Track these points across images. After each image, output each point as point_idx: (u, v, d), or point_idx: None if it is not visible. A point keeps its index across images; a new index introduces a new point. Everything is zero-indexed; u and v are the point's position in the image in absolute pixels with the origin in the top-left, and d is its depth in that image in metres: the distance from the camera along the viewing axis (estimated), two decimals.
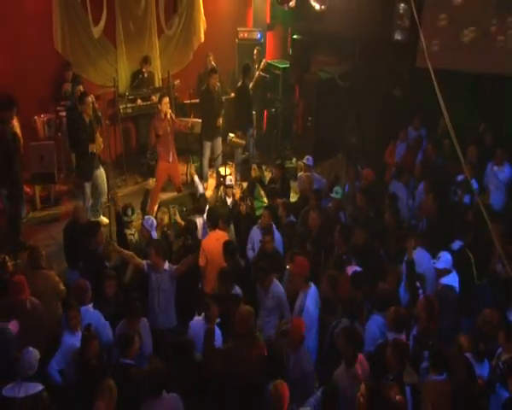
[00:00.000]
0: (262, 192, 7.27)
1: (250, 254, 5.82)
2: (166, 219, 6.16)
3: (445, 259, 4.78)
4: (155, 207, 6.78)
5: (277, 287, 4.89)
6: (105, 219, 7.06)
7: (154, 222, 5.70)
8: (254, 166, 7.17)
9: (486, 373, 3.96)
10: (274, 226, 5.72)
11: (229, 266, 5.14)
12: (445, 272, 4.76)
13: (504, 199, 6.29)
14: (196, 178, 6.85)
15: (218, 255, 5.32)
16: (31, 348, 3.74)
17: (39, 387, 3.65)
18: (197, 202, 6.40)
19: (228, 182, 6.75)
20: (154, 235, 5.66)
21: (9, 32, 7.35)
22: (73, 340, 4.24)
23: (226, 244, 5.28)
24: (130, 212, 5.95)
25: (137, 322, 4.45)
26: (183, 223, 6.17)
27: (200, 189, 6.71)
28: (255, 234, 5.83)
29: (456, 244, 5.25)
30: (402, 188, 6.65)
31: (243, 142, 7.98)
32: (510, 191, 6.26)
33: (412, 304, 4.58)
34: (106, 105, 7.99)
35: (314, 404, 3.62)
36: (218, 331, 4.41)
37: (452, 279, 4.76)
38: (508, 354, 3.91)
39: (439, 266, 4.79)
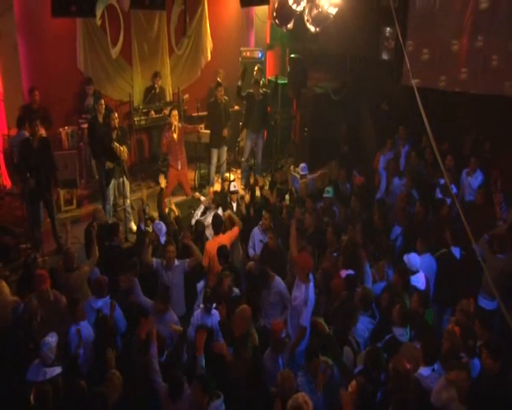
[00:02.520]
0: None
1: (251, 252, 5.87)
2: (175, 224, 6.23)
3: (413, 260, 4.85)
4: (166, 211, 6.86)
5: (278, 283, 4.95)
6: (134, 226, 6.98)
7: (164, 229, 5.63)
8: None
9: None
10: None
11: (223, 268, 5.17)
12: (411, 271, 4.79)
13: None
14: (202, 198, 6.77)
15: (217, 259, 5.40)
16: (48, 339, 3.76)
17: (57, 371, 3.70)
18: (215, 200, 6.41)
19: (232, 188, 6.71)
20: (162, 240, 5.57)
21: (39, 54, 7.49)
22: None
23: (219, 249, 5.32)
24: (147, 209, 6.07)
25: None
26: (177, 213, 6.25)
27: (207, 203, 6.62)
28: (256, 234, 5.88)
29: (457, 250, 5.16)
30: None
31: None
32: None
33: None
34: (122, 118, 8.10)
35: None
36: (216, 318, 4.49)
37: (418, 280, 4.78)
38: (481, 339, 3.95)
39: (406, 262, 4.84)
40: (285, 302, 4.91)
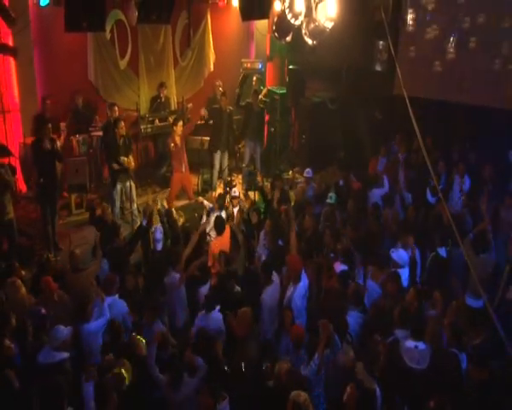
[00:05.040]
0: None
1: (260, 252, 5.77)
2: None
3: (400, 254, 4.91)
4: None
5: (269, 292, 4.80)
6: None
7: (158, 236, 5.63)
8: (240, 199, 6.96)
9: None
10: None
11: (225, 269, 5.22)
12: (397, 265, 4.85)
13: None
14: (205, 202, 6.77)
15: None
16: (61, 327, 3.88)
17: (64, 355, 3.79)
18: (218, 202, 6.46)
19: (233, 193, 6.72)
20: (158, 246, 5.62)
21: (53, 67, 7.69)
22: (88, 327, 4.34)
23: (221, 252, 5.41)
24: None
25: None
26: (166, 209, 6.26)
27: (211, 206, 6.58)
28: (262, 238, 5.85)
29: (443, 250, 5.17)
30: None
31: None
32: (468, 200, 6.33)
33: None
34: (129, 125, 8.22)
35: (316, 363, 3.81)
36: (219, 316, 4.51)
37: (402, 274, 4.76)
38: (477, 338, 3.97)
39: (394, 257, 4.89)
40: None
